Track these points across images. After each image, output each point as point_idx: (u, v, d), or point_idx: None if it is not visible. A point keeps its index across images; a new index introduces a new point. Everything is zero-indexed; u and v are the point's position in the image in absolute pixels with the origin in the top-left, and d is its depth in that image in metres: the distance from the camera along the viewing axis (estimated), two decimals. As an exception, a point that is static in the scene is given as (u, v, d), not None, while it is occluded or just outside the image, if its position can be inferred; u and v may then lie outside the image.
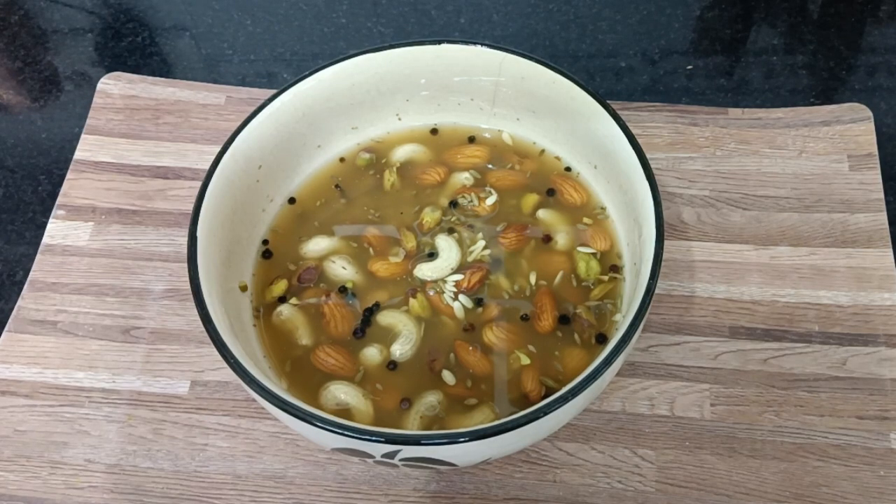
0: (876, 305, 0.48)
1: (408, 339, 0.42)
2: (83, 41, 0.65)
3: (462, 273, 0.44)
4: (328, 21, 0.65)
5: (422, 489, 0.43)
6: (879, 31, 0.63)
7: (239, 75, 0.62)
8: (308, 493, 0.44)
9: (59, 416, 0.46)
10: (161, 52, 0.64)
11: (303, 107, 0.45)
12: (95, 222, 0.53)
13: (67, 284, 0.51)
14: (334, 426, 0.33)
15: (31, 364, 0.48)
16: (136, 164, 0.55)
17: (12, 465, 0.45)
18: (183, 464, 0.44)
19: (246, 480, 0.44)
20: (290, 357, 0.42)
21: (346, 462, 0.44)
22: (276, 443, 0.45)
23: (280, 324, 0.43)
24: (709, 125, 0.56)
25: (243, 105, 0.58)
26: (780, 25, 0.64)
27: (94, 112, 0.58)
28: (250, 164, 0.44)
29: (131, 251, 0.52)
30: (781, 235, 0.51)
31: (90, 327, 0.49)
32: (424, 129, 0.50)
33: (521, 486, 0.43)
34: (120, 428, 0.46)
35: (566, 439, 0.44)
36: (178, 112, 0.58)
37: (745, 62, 0.62)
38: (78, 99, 0.61)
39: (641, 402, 0.45)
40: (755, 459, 0.43)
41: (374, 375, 0.41)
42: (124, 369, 0.48)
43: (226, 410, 0.46)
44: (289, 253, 0.46)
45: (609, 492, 0.43)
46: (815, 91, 0.60)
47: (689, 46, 0.63)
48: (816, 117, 0.56)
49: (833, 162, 0.54)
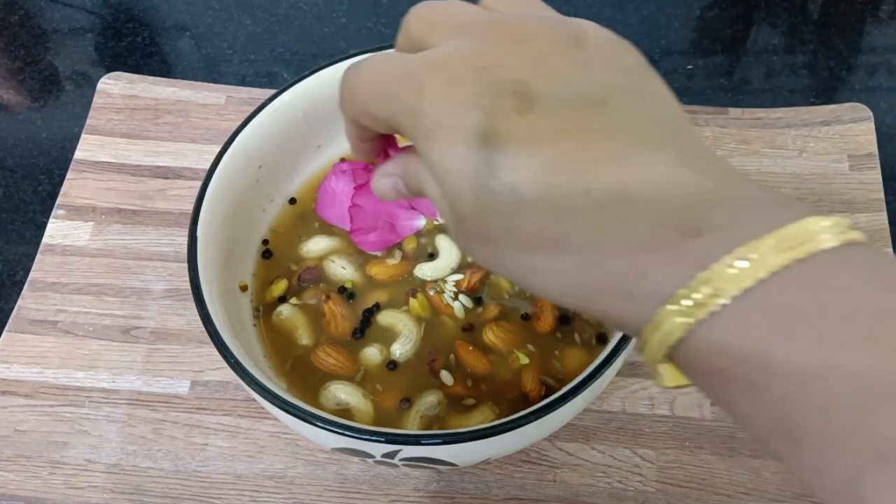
0: (876, 305, 0.48)
1: (408, 339, 0.42)
2: (83, 41, 0.65)
3: (462, 273, 0.44)
4: (328, 21, 0.65)
5: (422, 489, 0.43)
6: (879, 31, 0.63)
7: (239, 75, 0.62)
8: (308, 492, 0.43)
9: (59, 415, 0.46)
10: (161, 52, 0.64)
11: (303, 107, 0.45)
12: (95, 222, 0.53)
13: (67, 284, 0.51)
14: (334, 426, 0.33)
15: (31, 364, 0.48)
16: (136, 163, 0.55)
17: (12, 464, 0.45)
18: (183, 464, 0.44)
19: (246, 480, 0.44)
20: (290, 357, 0.42)
21: (346, 462, 0.44)
22: (276, 443, 0.45)
23: (280, 324, 0.43)
24: (709, 125, 0.56)
25: (243, 105, 0.58)
26: (780, 25, 0.64)
27: (94, 112, 0.58)
28: (250, 164, 0.44)
29: (131, 251, 0.52)
30: (781, 235, 0.51)
31: (90, 327, 0.49)
32: (424, 128, 0.50)
33: (521, 486, 0.43)
34: (120, 428, 0.46)
35: (566, 439, 0.44)
36: (179, 112, 0.58)
37: (745, 62, 0.62)
38: (78, 99, 0.61)
39: (641, 401, 0.45)
40: (755, 459, 0.43)
41: (374, 375, 0.41)
42: (124, 369, 0.48)
43: (226, 410, 0.46)
44: (289, 253, 0.46)
45: (609, 492, 0.43)
46: (815, 91, 0.60)
47: (689, 46, 0.63)
48: (816, 117, 0.56)
49: (833, 162, 0.54)
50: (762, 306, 0.20)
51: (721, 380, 0.21)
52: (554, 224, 0.23)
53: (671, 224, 0.22)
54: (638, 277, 0.22)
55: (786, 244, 0.20)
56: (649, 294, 0.22)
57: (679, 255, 0.22)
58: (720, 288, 0.20)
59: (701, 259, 0.21)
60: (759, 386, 0.20)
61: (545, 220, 0.23)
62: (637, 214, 0.22)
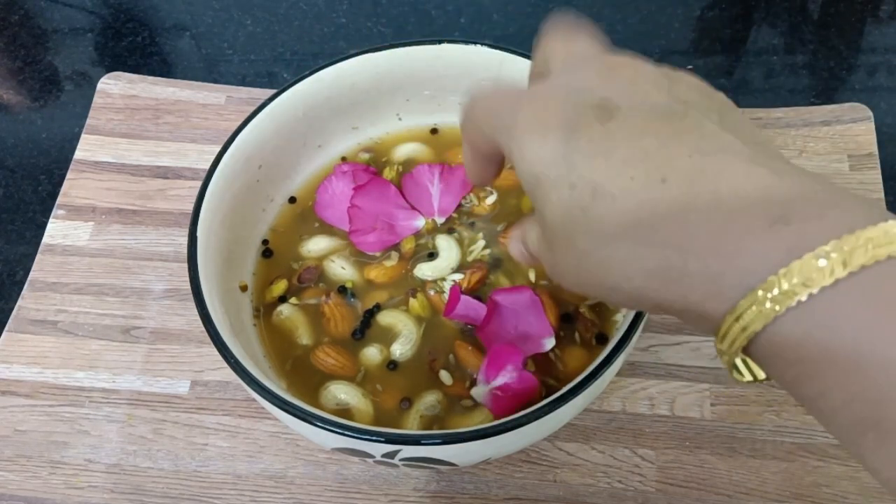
0: (876, 305, 0.48)
1: (408, 339, 0.42)
2: (83, 41, 0.65)
3: (462, 273, 0.44)
4: (328, 21, 0.65)
5: (422, 489, 0.43)
6: (879, 30, 0.63)
7: (239, 75, 0.62)
8: (308, 492, 0.43)
9: (59, 415, 0.46)
10: (161, 52, 0.64)
11: (303, 107, 0.45)
12: (95, 222, 0.53)
13: (67, 284, 0.51)
14: (334, 426, 0.33)
15: (31, 364, 0.48)
16: (136, 163, 0.56)
17: (12, 464, 0.45)
18: (183, 464, 0.44)
19: (246, 480, 0.44)
20: (290, 357, 0.42)
21: (346, 462, 0.44)
22: (276, 443, 0.45)
23: (280, 323, 0.43)
24: (709, 125, 0.56)
25: (243, 105, 0.58)
26: (780, 25, 0.64)
27: (94, 112, 0.58)
28: (250, 164, 0.44)
29: (131, 251, 0.52)
30: (781, 235, 0.51)
31: (90, 327, 0.49)
32: (425, 128, 0.50)
33: (521, 485, 0.43)
34: (120, 428, 0.46)
35: (566, 439, 0.44)
36: (179, 112, 0.58)
37: (745, 62, 0.62)
38: (78, 99, 0.61)
39: (642, 401, 0.45)
40: (755, 459, 0.43)
41: (374, 375, 0.41)
42: (124, 369, 0.48)
43: (226, 410, 0.46)
44: (289, 252, 0.46)
45: (609, 491, 0.43)
46: (815, 91, 0.60)
47: (689, 46, 0.63)
48: (816, 117, 0.56)
49: (833, 162, 0.54)
50: (854, 298, 0.20)
51: (808, 371, 0.21)
52: (633, 213, 0.24)
53: (757, 212, 0.22)
54: (724, 262, 0.22)
55: (875, 241, 0.20)
56: (736, 279, 0.22)
57: (768, 242, 0.22)
58: (811, 278, 0.20)
59: (791, 248, 0.21)
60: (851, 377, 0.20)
61: (625, 210, 0.24)
62: (718, 202, 0.23)
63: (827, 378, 0.21)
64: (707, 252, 0.23)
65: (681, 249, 0.23)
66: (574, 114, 0.25)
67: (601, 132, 0.25)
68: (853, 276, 0.20)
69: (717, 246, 0.22)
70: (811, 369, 0.21)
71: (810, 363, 0.21)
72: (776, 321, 0.21)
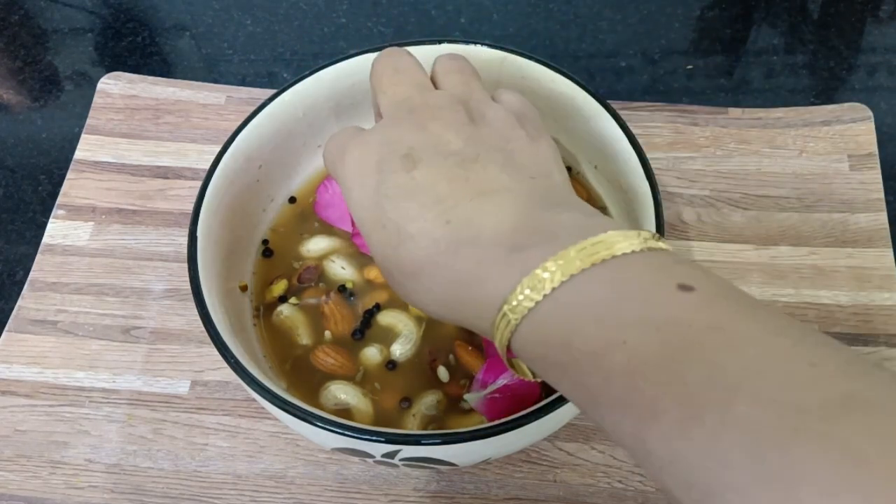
0: (876, 305, 0.48)
1: (408, 339, 0.42)
2: (83, 41, 0.65)
3: (462, 273, 0.44)
4: (328, 21, 0.65)
5: (422, 489, 0.43)
6: (879, 30, 0.63)
7: (239, 75, 0.62)
8: (308, 492, 0.44)
9: (59, 415, 0.46)
10: (161, 52, 0.64)
11: (303, 107, 0.45)
12: (95, 222, 0.53)
13: (67, 284, 0.51)
14: (334, 426, 0.33)
15: (31, 364, 0.48)
16: (136, 163, 0.56)
17: (12, 464, 0.45)
18: (183, 464, 0.44)
19: (246, 480, 0.44)
20: (290, 357, 0.42)
21: (346, 462, 0.44)
22: (276, 443, 0.45)
23: (280, 323, 0.43)
24: (709, 125, 0.56)
25: (243, 105, 0.58)
26: (780, 25, 0.64)
27: (94, 112, 0.58)
28: (250, 164, 0.44)
29: (131, 251, 0.52)
30: (782, 235, 0.51)
31: (90, 327, 0.49)
32: (424, 128, 0.50)
33: (521, 485, 0.43)
34: (120, 428, 0.46)
35: (566, 439, 0.44)
36: (179, 112, 0.58)
37: (745, 62, 0.62)
38: (78, 99, 0.61)
39: (641, 401, 0.45)
40: (755, 459, 0.43)
41: (374, 375, 0.41)
42: (124, 369, 0.48)
43: (226, 410, 0.46)
44: (289, 252, 0.46)
45: (609, 491, 0.43)
46: (815, 91, 0.60)
47: (689, 46, 0.63)
48: (816, 117, 0.56)
49: (833, 162, 0.54)
50: (564, 301, 0.25)
51: (544, 365, 0.26)
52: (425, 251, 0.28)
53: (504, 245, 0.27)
54: (480, 288, 0.27)
55: (587, 252, 0.25)
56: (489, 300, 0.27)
57: (507, 267, 0.27)
58: (536, 289, 0.25)
59: (522, 269, 0.26)
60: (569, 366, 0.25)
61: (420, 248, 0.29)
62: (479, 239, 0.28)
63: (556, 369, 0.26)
64: (472, 282, 0.27)
65: (458, 282, 0.28)
66: (386, 163, 0.30)
67: (406, 179, 0.29)
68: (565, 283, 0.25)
69: (478, 275, 0.27)
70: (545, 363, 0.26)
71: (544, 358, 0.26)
72: (518, 328, 0.26)
